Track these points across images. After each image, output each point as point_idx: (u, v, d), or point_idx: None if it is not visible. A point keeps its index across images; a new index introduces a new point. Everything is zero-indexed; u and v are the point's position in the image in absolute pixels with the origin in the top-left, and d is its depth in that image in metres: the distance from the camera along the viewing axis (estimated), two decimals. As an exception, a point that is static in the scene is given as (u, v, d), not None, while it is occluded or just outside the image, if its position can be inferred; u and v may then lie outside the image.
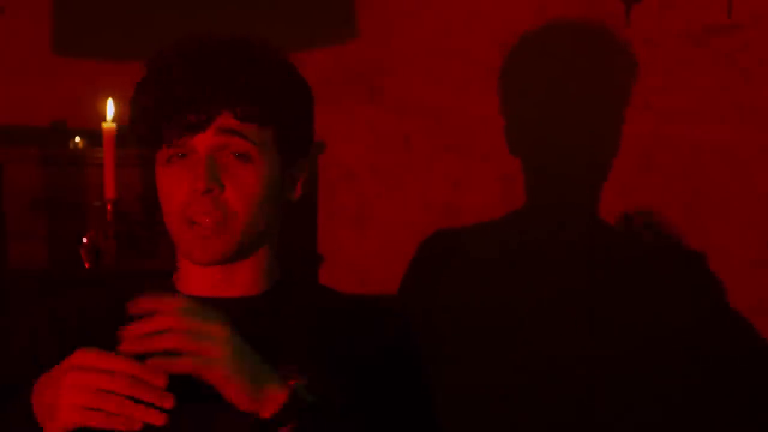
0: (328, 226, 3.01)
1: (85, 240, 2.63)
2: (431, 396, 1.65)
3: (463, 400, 2.95)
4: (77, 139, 2.83)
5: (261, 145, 1.58)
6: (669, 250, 2.93)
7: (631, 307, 2.94)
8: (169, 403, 1.38)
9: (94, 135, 2.71)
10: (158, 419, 1.38)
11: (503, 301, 2.97)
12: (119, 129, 2.62)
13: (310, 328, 1.62)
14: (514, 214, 2.95)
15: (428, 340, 2.94)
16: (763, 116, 2.90)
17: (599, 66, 2.94)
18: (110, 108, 2.64)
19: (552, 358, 2.95)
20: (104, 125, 2.62)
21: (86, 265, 2.62)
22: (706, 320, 2.91)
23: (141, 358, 1.40)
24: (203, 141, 1.57)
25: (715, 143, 2.92)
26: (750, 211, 2.92)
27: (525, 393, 2.96)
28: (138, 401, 1.38)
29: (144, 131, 1.59)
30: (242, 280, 1.64)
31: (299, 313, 1.64)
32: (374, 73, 2.99)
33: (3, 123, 2.94)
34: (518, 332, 2.96)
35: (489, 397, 2.97)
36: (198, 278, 1.63)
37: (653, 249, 2.94)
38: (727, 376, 2.91)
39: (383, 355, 1.62)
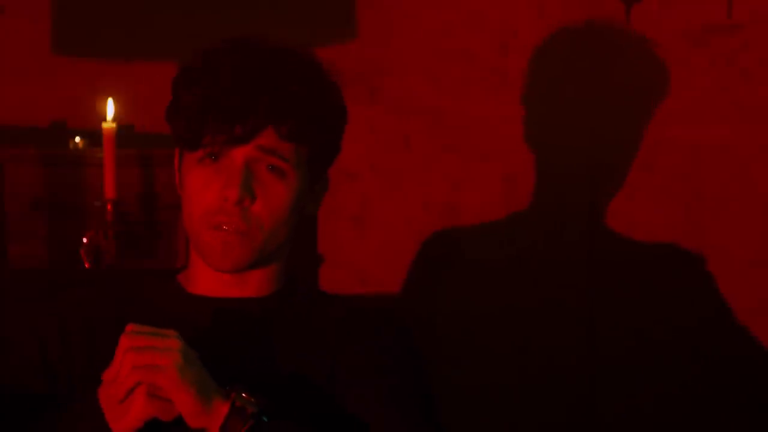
0: (328, 226, 3.01)
1: (85, 240, 2.63)
2: (433, 399, 1.65)
3: (463, 400, 2.95)
4: (77, 139, 2.83)
5: (295, 163, 1.59)
6: (669, 251, 2.93)
7: (631, 307, 2.95)
8: None
9: (94, 135, 2.71)
10: None
11: (503, 301, 2.97)
12: (119, 129, 2.62)
13: (313, 330, 1.63)
14: (514, 214, 2.95)
15: (428, 341, 2.95)
16: (763, 116, 2.90)
17: (599, 66, 2.94)
18: (110, 108, 2.63)
19: (552, 358, 2.95)
20: (104, 125, 2.62)
21: (86, 265, 2.62)
22: (706, 320, 2.91)
23: None
24: (242, 151, 1.57)
25: (715, 143, 2.92)
26: (750, 211, 2.92)
27: (525, 393, 2.96)
28: None
29: (182, 130, 1.59)
30: (253, 284, 1.64)
31: (304, 316, 1.65)
32: (374, 73, 2.99)
33: (3, 123, 2.94)
34: (518, 332, 2.96)
35: (489, 397, 2.97)
36: (209, 279, 1.64)
37: (653, 249, 2.94)
38: (727, 376, 2.91)
39: (382, 359, 1.62)
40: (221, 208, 1.57)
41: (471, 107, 2.96)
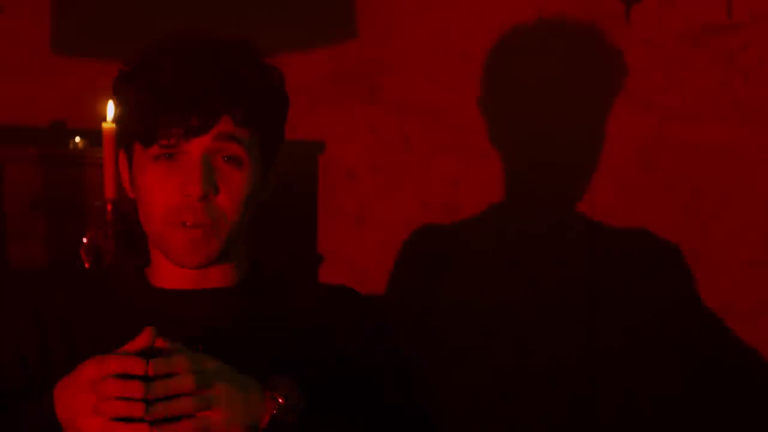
0: (328, 226, 3.01)
1: (85, 240, 2.63)
2: (406, 366, 1.66)
3: (463, 400, 2.95)
4: (77, 139, 2.83)
5: (250, 150, 1.59)
6: (668, 250, 2.93)
7: (631, 306, 2.94)
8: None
9: (94, 135, 2.71)
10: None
11: (503, 300, 2.97)
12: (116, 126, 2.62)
13: (280, 317, 1.65)
14: (513, 213, 2.95)
15: (428, 340, 2.95)
16: (763, 116, 2.90)
17: (599, 66, 2.94)
18: (110, 108, 2.63)
19: (552, 357, 2.95)
20: (104, 125, 2.62)
21: (86, 265, 2.62)
22: (706, 320, 2.91)
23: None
24: (200, 144, 1.56)
25: (715, 143, 2.92)
26: (750, 211, 2.92)
27: (525, 393, 2.96)
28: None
29: (137, 128, 1.58)
30: (216, 275, 1.65)
31: (270, 303, 1.66)
32: (374, 73, 2.99)
33: (3, 123, 2.94)
34: (518, 332, 2.96)
35: (489, 397, 2.97)
36: (172, 273, 1.64)
37: (653, 249, 2.94)
38: (727, 376, 2.91)
39: (348, 334, 1.65)
40: (184, 204, 1.56)
41: (471, 107, 2.96)
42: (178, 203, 1.57)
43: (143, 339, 1.44)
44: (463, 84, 2.96)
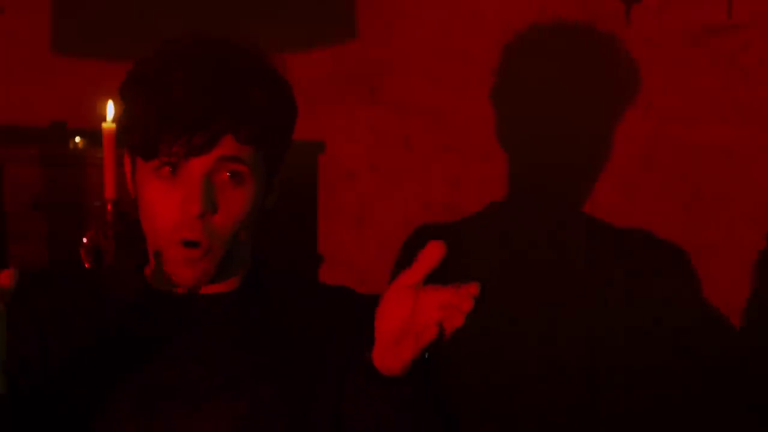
0: (328, 226, 3.01)
1: (85, 240, 2.63)
2: None
3: (463, 400, 2.94)
4: (77, 139, 2.83)
5: (254, 166, 1.58)
6: (668, 250, 2.93)
7: (631, 306, 2.95)
8: None
9: (94, 135, 2.71)
10: None
11: (502, 301, 2.97)
12: (119, 129, 2.62)
13: (280, 320, 1.64)
14: (514, 214, 2.95)
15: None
16: (763, 116, 2.90)
17: (599, 66, 2.94)
18: (110, 108, 2.64)
19: (552, 358, 2.95)
20: (104, 125, 2.62)
21: (86, 265, 2.62)
22: (705, 320, 2.91)
23: None
24: (201, 164, 1.55)
25: (715, 143, 2.92)
26: (750, 211, 2.92)
27: (525, 393, 2.96)
28: None
29: (137, 142, 1.57)
30: (218, 280, 1.64)
31: (270, 306, 1.66)
32: (374, 73, 2.99)
33: (3, 123, 2.95)
34: (518, 332, 2.96)
35: (489, 397, 2.97)
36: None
37: (652, 249, 2.94)
38: (727, 376, 2.91)
39: (349, 336, 1.64)
40: (183, 221, 1.55)
41: (471, 107, 2.96)
42: (178, 220, 1.56)
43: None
44: (464, 84, 2.96)
